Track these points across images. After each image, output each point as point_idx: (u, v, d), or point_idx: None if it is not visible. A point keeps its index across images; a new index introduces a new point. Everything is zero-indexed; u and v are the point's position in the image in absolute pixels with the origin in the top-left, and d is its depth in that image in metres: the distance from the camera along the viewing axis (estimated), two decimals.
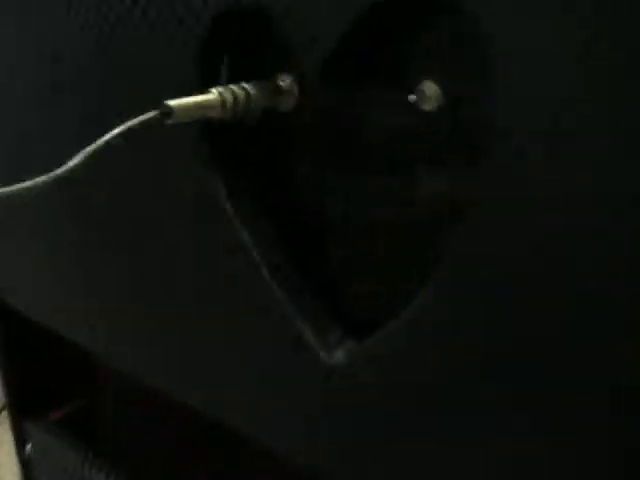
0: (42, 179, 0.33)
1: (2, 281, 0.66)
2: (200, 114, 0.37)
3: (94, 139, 0.33)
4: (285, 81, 0.41)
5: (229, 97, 0.38)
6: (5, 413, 0.74)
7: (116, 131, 0.32)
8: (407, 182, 0.39)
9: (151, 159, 0.46)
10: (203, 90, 0.39)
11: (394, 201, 0.39)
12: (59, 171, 0.33)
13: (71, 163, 0.33)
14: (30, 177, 0.34)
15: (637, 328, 0.30)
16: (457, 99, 0.36)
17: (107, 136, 0.31)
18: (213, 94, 0.38)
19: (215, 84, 0.40)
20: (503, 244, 0.32)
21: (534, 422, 0.34)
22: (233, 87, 0.39)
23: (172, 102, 0.35)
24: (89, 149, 0.31)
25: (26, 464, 0.73)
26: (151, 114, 0.34)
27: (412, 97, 0.37)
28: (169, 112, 0.35)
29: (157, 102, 0.36)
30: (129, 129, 0.33)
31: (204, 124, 0.41)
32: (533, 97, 0.30)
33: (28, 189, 0.34)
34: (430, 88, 0.37)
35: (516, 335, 0.33)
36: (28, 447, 0.72)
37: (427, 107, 0.37)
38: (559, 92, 0.30)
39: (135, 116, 0.34)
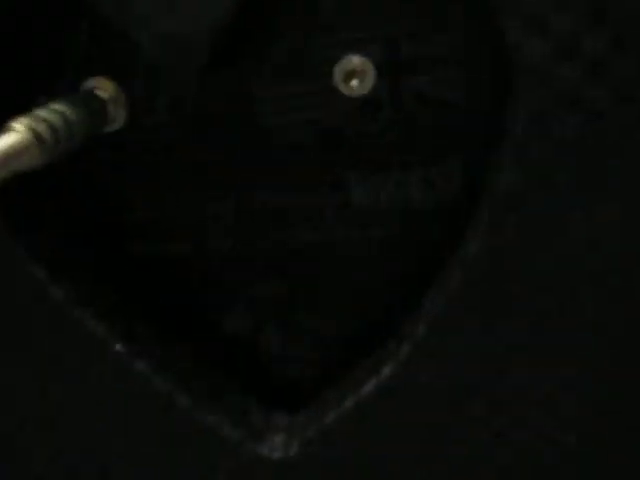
0: None
1: None
2: (7, 170, 0.21)
3: None
4: (105, 89, 0.27)
5: (44, 129, 0.23)
6: None
7: None
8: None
9: None
10: None
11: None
12: None
13: None
14: None
15: None
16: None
17: None
18: (19, 131, 0.22)
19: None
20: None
21: None
22: (42, 113, 0.23)
23: None
24: None
25: None
26: None
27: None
28: None
29: None
30: None
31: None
32: None
33: None
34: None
35: None
36: None
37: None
38: None
39: None
